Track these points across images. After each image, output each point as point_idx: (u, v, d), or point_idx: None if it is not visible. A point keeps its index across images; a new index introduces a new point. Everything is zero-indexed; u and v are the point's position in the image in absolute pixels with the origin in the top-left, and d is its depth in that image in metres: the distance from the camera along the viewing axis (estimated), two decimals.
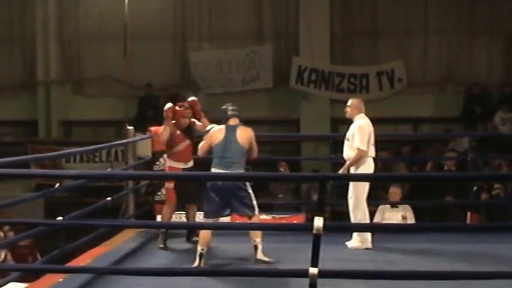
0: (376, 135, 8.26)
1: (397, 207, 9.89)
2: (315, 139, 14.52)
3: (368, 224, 8.06)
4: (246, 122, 7.84)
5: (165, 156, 8.80)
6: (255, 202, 7.54)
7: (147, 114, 14.63)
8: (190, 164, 8.37)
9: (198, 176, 7.35)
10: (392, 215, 9.82)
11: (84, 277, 6.66)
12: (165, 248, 8.20)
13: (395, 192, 10.10)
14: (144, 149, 9.71)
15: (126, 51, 11.96)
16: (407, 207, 9.94)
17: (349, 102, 8.33)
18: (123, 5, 12.11)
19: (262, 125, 13.91)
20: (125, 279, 6.53)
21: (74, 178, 8.73)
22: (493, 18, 15.08)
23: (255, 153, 7.67)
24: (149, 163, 9.51)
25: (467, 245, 8.08)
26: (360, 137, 8.06)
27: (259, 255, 7.45)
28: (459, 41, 15.20)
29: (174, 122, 8.28)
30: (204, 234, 7.29)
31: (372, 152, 8.18)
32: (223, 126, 7.60)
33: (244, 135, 7.54)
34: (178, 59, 15.80)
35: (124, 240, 8.56)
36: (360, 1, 15.39)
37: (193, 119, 8.40)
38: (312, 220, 5.34)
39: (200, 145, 7.73)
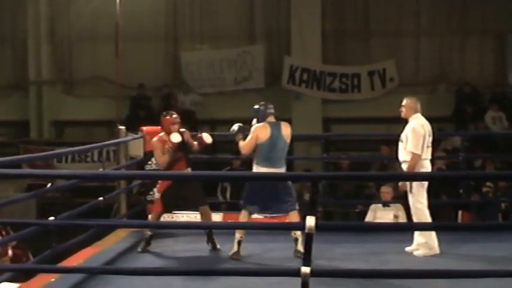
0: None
1: (388, 206, 9.89)
2: (306, 139, 14.52)
3: (361, 223, 8.07)
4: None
5: None
6: (294, 193, 7.62)
7: (139, 114, 14.65)
8: None
9: (186, 176, 7.35)
10: (384, 214, 9.81)
11: (76, 277, 6.66)
12: (144, 252, 7.97)
13: (386, 191, 10.07)
14: (136, 149, 9.70)
15: (117, 52, 11.94)
16: (399, 206, 9.91)
17: (404, 102, 7.88)
18: (115, 6, 12.11)
19: None
20: (116, 279, 6.53)
21: (65, 178, 8.70)
22: (485, 19, 15.13)
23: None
24: (141, 163, 9.51)
25: (458, 243, 8.09)
26: (413, 140, 7.68)
27: (300, 247, 7.35)
28: (451, 41, 15.24)
29: (165, 132, 8.09)
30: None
31: (427, 154, 7.78)
32: (265, 123, 7.49)
33: (288, 131, 7.56)
34: (170, 59, 15.79)
35: (116, 240, 8.54)
36: (352, 1, 15.41)
37: (193, 133, 8.37)
38: (304, 219, 5.35)
39: (244, 143, 7.54)
